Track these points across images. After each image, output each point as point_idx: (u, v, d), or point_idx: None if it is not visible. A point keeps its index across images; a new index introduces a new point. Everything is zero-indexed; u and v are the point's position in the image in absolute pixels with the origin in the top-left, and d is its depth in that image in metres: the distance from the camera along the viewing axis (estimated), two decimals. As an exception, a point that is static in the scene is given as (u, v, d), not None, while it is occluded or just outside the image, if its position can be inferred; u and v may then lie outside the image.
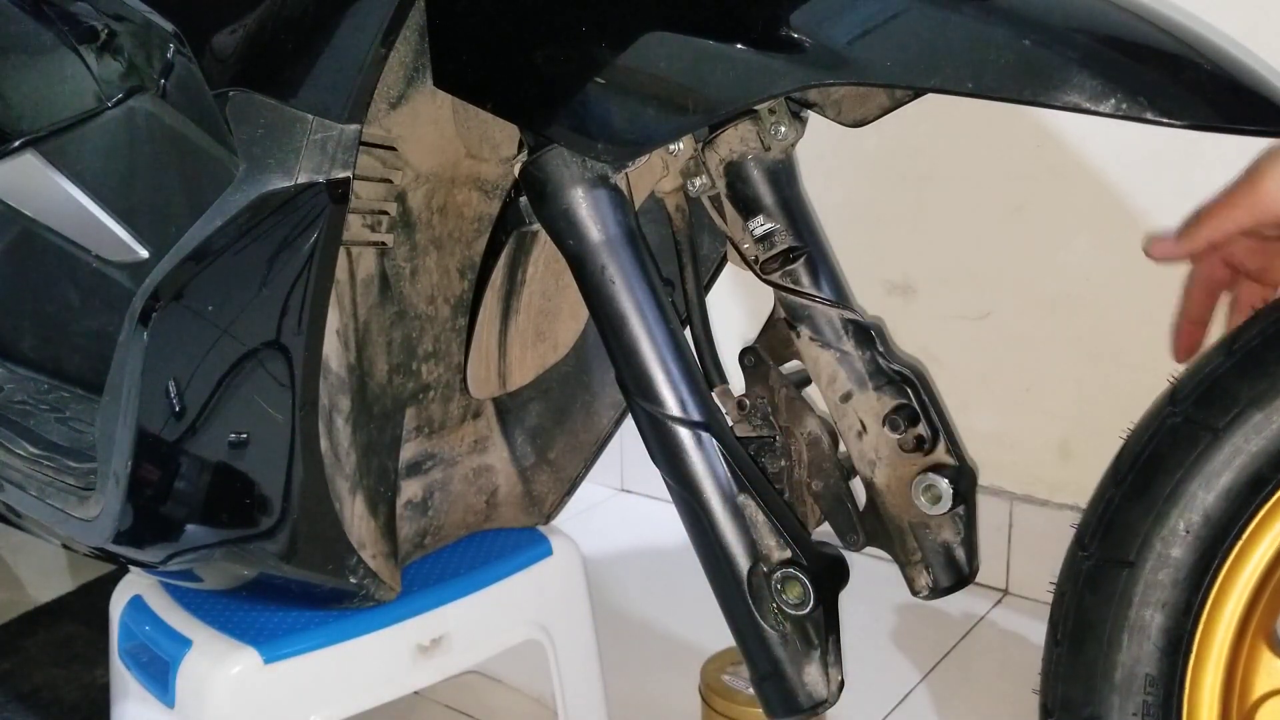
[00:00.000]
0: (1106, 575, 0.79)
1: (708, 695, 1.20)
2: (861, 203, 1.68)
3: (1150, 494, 0.77)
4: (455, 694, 1.47)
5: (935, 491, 0.90)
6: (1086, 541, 0.80)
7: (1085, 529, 0.80)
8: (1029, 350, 1.62)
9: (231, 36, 0.88)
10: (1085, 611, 0.79)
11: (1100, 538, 0.79)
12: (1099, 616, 0.79)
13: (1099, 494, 0.80)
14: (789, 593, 0.81)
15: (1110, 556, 0.78)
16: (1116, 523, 0.78)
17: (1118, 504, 0.79)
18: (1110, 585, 0.78)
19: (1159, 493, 0.77)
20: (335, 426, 0.99)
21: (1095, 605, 0.79)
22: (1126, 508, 0.78)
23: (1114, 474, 0.80)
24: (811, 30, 0.72)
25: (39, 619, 1.66)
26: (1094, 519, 0.80)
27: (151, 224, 1.07)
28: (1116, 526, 0.78)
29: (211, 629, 1.07)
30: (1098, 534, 0.79)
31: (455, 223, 1.06)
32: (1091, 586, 0.79)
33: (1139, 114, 0.65)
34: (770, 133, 0.91)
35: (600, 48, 0.78)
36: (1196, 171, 1.43)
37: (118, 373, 0.93)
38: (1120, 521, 0.78)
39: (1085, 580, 0.79)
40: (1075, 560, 0.81)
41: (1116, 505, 0.79)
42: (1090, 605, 0.79)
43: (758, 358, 0.96)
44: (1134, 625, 0.78)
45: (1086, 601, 0.79)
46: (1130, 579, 0.77)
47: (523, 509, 1.22)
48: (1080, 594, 0.80)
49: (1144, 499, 0.77)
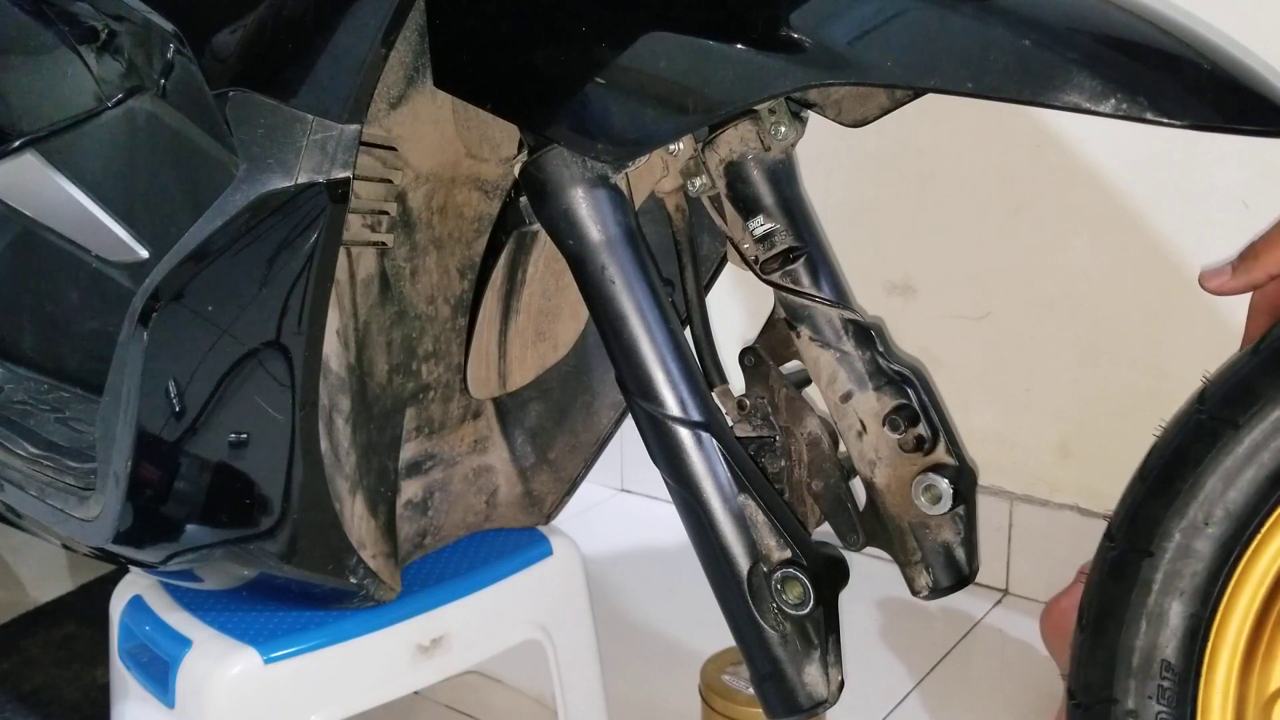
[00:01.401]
0: (1128, 564, 0.80)
1: (708, 695, 1.20)
2: (861, 203, 1.68)
3: (1172, 488, 0.79)
4: (455, 694, 1.47)
5: (935, 491, 0.90)
6: (1114, 534, 0.82)
7: (1113, 522, 0.83)
8: (1029, 350, 1.62)
9: (231, 36, 0.88)
10: (1107, 599, 0.81)
11: (1124, 529, 0.81)
12: (1120, 603, 0.81)
13: (1127, 490, 0.83)
14: (789, 593, 0.81)
15: (1132, 546, 0.80)
16: (1140, 515, 0.80)
17: (1141, 498, 0.80)
18: (1131, 573, 0.80)
19: (1179, 486, 0.79)
20: (335, 426, 0.99)
21: (1116, 593, 0.81)
22: (1149, 501, 0.80)
23: (1141, 471, 0.82)
24: (811, 30, 0.72)
25: (39, 619, 1.66)
26: (1121, 512, 0.82)
27: (151, 224, 1.07)
28: (1139, 519, 0.80)
29: (211, 629, 1.07)
30: (1123, 526, 0.81)
31: (455, 223, 1.06)
32: (1114, 575, 0.81)
33: (1139, 114, 0.65)
34: (770, 133, 0.91)
35: (600, 48, 0.78)
36: (1196, 171, 1.43)
37: (118, 373, 0.93)
38: (1143, 514, 0.80)
39: (1109, 569, 0.82)
40: (1102, 551, 0.83)
41: (1140, 499, 0.81)
42: (1112, 593, 0.81)
43: (758, 358, 0.96)
44: (1153, 612, 0.80)
45: (1109, 589, 0.81)
46: (1150, 567, 0.79)
47: (523, 509, 1.22)
48: (1104, 582, 0.82)
49: (1166, 492, 0.79)
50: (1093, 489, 1.61)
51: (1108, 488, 0.83)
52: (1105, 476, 1.57)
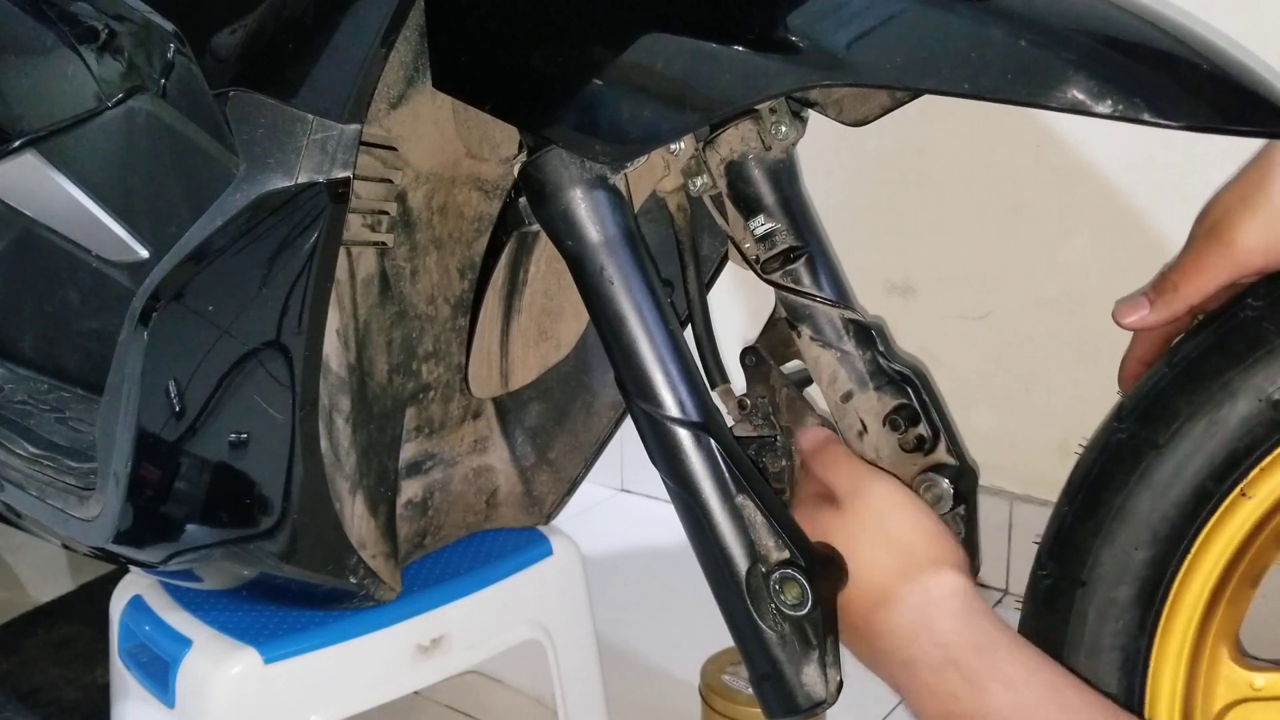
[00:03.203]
0: (1062, 595, 0.79)
1: (708, 695, 1.20)
2: (861, 203, 1.68)
3: (1099, 512, 0.77)
4: (455, 694, 1.47)
5: (936, 491, 0.90)
6: (1045, 560, 0.80)
7: (1043, 547, 0.81)
8: (1029, 350, 1.62)
9: (231, 36, 0.88)
10: (1044, 630, 0.80)
11: (1056, 557, 0.79)
12: (1057, 636, 0.79)
13: (1054, 512, 0.81)
14: (787, 593, 0.81)
15: (1065, 576, 0.78)
16: (1070, 542, 0.79)
17: (1070, 523, 0.79)
18: (1065, 605, 0.78)
19: (1107, 511, 0.77)
20: (335, 426, 0.99)
21: (1053, 625, 0.79)
22: (1078, 527, 0.78)
23: (1066, 492, 0.80)
24: (811, 31, 0.72)
25: (39, 619, 1.66)
26: (1049, 538, 0.80)
27: (151, 224, 1.07)
28: (1070, 546, 0.79)
29: (211, 629, 1.07)
30: (1054, 553, 0.79)
31: (455, 223, 1.06)
32: (1049, 606, 0.79)
33: (1136, 115, 0.65)
34: (771, 132, 0.91)
35: (599, 48, 0.78)
36: (1196, 172, 1.43)
37: (118, 373, 0.93)
38: (1073, 541, 0.78)
39: (1043, 600, 0.80)
40: (1035, 579, 0.81)
41: (1069, 524, 0.79)
42: (1048, 625, 0.79)
43: (758, 357, 0.96)
44: (1090, 644, 0.78)
45: (1044, 621, 0.80)
46: (1084, 598, 0.78)
47: (523, 509, 1.22)
48: (1040, 613, 0.80)
49: (1093, 517, 0.77)
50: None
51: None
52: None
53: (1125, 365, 0.86)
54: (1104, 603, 0.77)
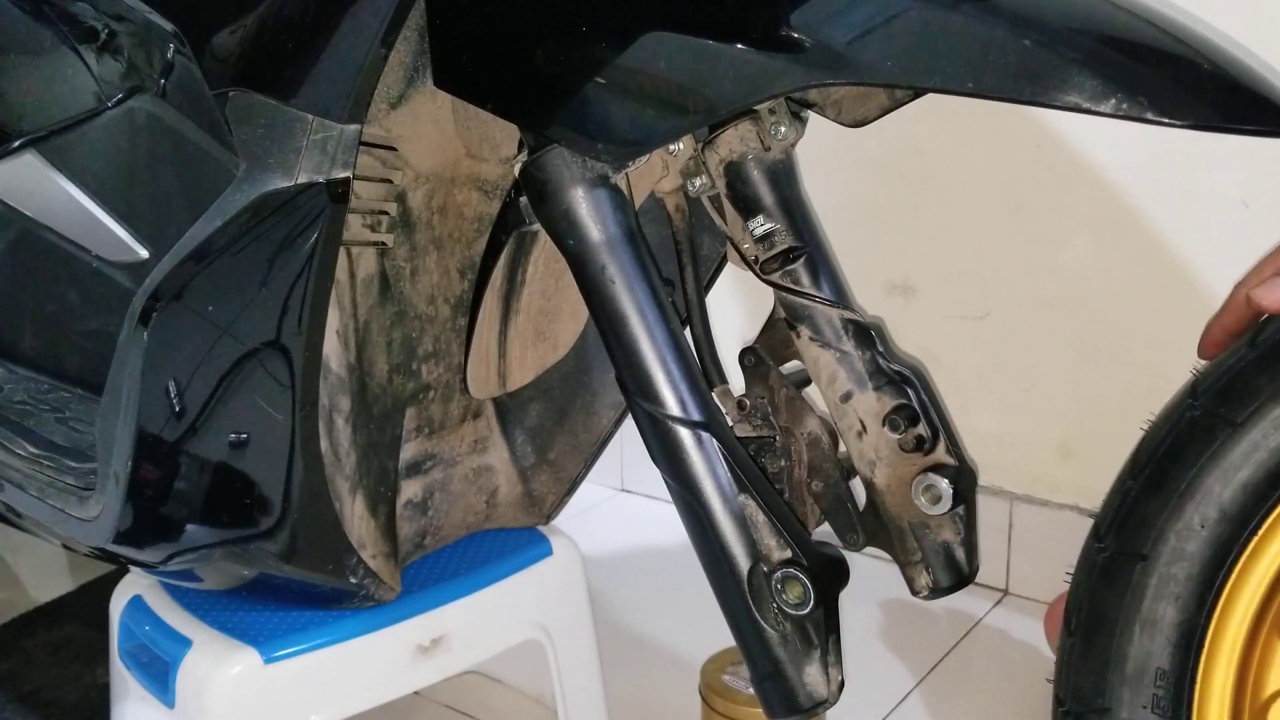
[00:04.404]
0: (1121, 568, 0.78)
1: (708, 695, 1.20)
2: (861, 203, 1.68)
3: (1167, 487, 0.76)
4: (455, 694, 1.47)
5: (935, 491, 0.90)
6: (1102, 534, 0.79)
7: (1102, 521, 0.80)
8: (1029, 350, 1.62)
9: (231, 36, 0.88)
10: (1099, 604, 0.79)
11: (1116, 530, 0.78)
12: (1112, 609, 0.78)
13: (1116, 485, 0.79)
14: (789, 592, 0.81)
15: (1125, 550, 0.78)
16: (1132, 516, 0.78)
17: (1134, 497, 0.78)
18: (1124, 578, 0.78)
19: (1175, 486, 0.76)
20: (335, 426, 0.99)
21: (1109, 598, 0.78)
22: (1143, 501, 0.77)
23: (1132, 466, 0.79)
24: (811, 30, 0.72)
25: (39, 619, 1.66)
26: (1110, 511, 0.79)
27: (151, 224, 1.07)
28: (1132, 520, 0.78)
29: (211, 629, 1.07)
30: (1114, 526, 0.79)
31: (455, 223, 1.06)
32: (1106, 579, 0.79)
33: (1139, 114, 0.65)
34: (770, 133, 0.91)
35: (600, 48, 0.78)
36: (1197, 172, 1.43)
37: (118, 373, 0.93)
38: (1136, 515, 0.77)
39: (1100, 573, 0.79)
40: (1091, 552, 0.80)
41: (1133, 498, 0.78)
42: (1104, 598, 0.79)
43: (758, 358, 0.96)
44: (1146, 619, 0.77)
45: (1100, 594, 0.79)
46: (1144, 572, 0.77)
47: (523, 509, 1.22)
48: (1094, 586, 0.79)
49: (1160, 492, 0.76)
50: (1092, 489, 1.61)
51: (1107, 488, 0.81)
52: (1105, 476, 1.56)
53: (1209, 333, 0.83)
54: (1164, 579, 0.76)
